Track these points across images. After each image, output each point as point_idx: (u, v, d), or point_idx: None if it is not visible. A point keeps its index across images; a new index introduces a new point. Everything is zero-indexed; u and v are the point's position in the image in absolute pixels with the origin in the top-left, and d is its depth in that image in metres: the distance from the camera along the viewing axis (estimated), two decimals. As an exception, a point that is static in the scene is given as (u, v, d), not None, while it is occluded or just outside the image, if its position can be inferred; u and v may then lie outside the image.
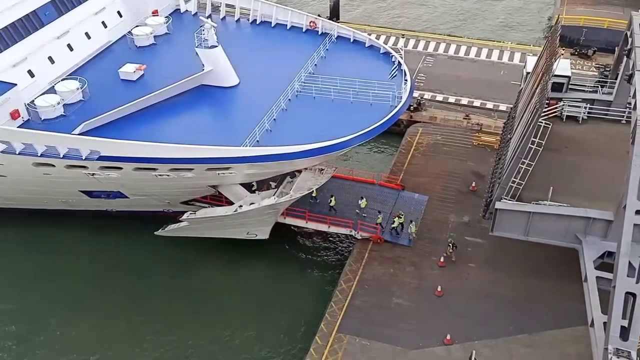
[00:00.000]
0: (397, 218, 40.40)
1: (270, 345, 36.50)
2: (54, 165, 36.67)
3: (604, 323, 27.30)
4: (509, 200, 33.48)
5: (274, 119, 38.06)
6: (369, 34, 47.69)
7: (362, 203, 41.91)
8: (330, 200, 41.70)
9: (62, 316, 38.31)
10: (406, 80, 39.92)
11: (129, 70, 41.68)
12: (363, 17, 70.60)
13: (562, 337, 33.97)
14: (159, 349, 36.40)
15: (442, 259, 38.56)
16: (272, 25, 48.42)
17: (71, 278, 40.71)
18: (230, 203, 39.52)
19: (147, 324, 37.86)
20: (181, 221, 40.04)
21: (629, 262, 26.44)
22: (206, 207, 40.79)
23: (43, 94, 39.64)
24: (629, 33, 35.24)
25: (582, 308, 30.36)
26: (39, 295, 39.65)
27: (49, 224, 43.82)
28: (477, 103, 53.74)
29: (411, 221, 40.46)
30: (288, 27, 47.87)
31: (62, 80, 40.70)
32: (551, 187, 33.45)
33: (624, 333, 25.54)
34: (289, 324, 37.71)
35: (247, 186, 39.75)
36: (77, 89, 39.73)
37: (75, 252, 42.47)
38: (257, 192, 39.79)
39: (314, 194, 41.74)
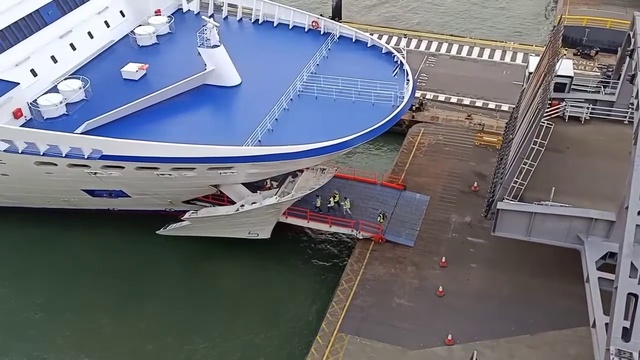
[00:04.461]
0: (332, 198, 41.31)
1: (271, 344, 36.51)
2: (56, 164, 36.70)
3: (606, 324, 27.22)
4: (511, 200, 33.44)
5: (276, 119, 38.07)
6: (371, 34, 47.64)
7: None
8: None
9: (62, 316, 38.33)
10: (408, 80, 39.88)
11: (132, 70, 41.72)
12: (365, 16, 70.59)
13: (563, 338, 33.93)
14: (161, 347, 36.42)
15: (443, 259, 38.57)
16: (275, 25, 48.41)
17: (71, 278, 40.72)
18: (232, 202, 39.58)
19: (149, 323, 37.87)
20: (183, 220, 40.17)
21: (631, 263, 26.34)
22: (208, 207, 40.82)
23: (46, 93, 39.69)
24: (631, 33, 35.13)
25: (584, 309, 30.27)
26: (38, 294, 39.62)
27: (50, 223, 43.82)
28: (479, 103, 53.68)
29: (345, 198, 41.46)
30: (290, 27, 47.89)
31: (64, 79, 40.73)
32: (553, 188, 33.38)
33: (626, 334, 25.47)
34: (290, 323, 37.73)
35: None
36: (80, 88, 39.77)
37: (76, 252, 42.46)
38: (258, 191, 39.80)
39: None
